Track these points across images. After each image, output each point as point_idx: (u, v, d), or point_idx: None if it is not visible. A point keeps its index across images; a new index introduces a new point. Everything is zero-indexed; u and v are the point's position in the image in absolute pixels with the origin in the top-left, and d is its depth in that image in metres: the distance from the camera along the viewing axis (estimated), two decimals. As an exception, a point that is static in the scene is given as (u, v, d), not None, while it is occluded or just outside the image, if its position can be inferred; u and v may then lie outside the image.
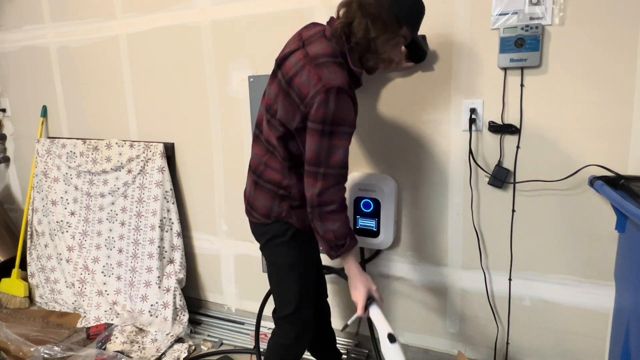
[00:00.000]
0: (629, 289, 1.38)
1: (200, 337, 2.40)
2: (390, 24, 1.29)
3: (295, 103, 1.31)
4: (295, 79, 1.31)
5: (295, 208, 1.48)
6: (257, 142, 1.53)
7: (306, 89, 1.28)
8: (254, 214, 1.53)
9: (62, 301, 2.69)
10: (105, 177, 2.53)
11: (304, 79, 1.29)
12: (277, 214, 1.48)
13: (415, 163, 1.89)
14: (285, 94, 1.35)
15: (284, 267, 1.55)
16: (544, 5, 1.56)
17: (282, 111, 1.36)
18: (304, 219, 1.49)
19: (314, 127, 1.28)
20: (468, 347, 1.97)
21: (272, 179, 1.46)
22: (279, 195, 1.46)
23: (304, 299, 1.57)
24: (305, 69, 1.30)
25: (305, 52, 1.33)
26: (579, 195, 1.65)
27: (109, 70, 2.52)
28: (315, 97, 1.26)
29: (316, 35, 1.37)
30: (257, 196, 1.50)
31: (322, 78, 1.26)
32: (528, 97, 1.65)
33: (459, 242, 1.88)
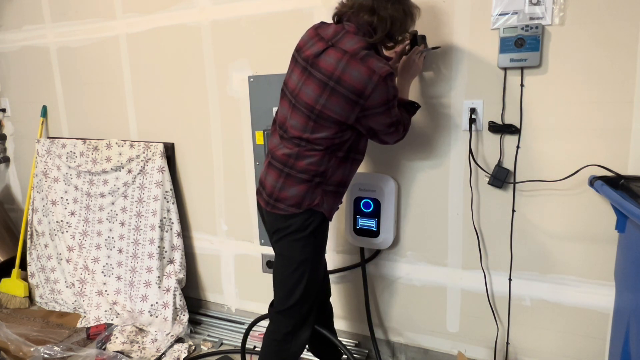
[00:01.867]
0: (629, 289, 1.38)
1: (200, 337, 2.40)
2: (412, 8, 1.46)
3: (351, 99, 1.38)
4: (344, 76, 1.36)
5: (328, 193, 1.52)
6: (284, 140, 1.52)
7: (360, 84, 1.36)
8: (280, 205, 1.52)
9: (62, 301, 2.69)
10: (105, 177, 2.53)
11: (355, 74, 1.35)
12: (309, 202, 1.49)
13: (415, 163, 1.89)
14: (334, 92, 1.39)
15: (296, 261, 1.55)
16: (544, 5, 1.56)
17: (336, 109, 1.40)
18: (332, 206, 1.56)
19: (381, 110, 1.42)
20: (468, 347, 1.97)
21: (307, 169, 1.47)
22: (314, 182, 1.49)
23: (306, 295, 1.58)
24: (351, 64, 1.36)
25: (342, 50, 1.39)
26: (579, 195, 1.65)
27: (109, 70, 2.52)
28: (377, 88, 1.36)
29: (339, 33, 1.43)
30: (287, 187, 1.50)
31: (374, 69, 1.35)
32: (528, 97, 1.65)
33: (459, 242, 1.88)
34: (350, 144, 1.51)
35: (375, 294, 2.10)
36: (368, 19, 1.40)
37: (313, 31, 1.49)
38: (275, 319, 1.64)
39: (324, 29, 1.47)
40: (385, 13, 1.39)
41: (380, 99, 1.38)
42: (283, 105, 1.54)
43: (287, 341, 1.61)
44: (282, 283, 1.60)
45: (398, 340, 2.12)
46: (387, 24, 1.40)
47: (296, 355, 1.64)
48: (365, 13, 1.40)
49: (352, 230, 1.99)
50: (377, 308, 2.12)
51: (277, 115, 1.57)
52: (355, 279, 2.13)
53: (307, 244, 1.54)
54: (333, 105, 1.40)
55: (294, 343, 1.62)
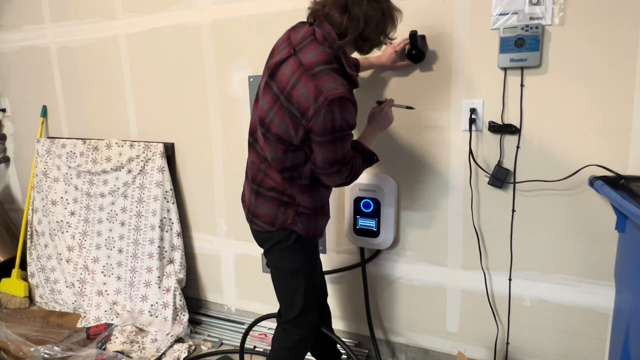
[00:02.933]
0: (629, 289, 1.38)
1: (200, 337, 2.40)
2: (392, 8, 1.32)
3: (297, 118, 1.27)
4: (293, 92, 1.26)
5: (300, 214, 1.47)
6: (252, 150, 1.49)
7: (306, 103, 1.24)
8: (257, 222, 1.51)
9: (62, 301, 2.69)
10: (105, 177, 2.53)
11: (302, 91, 1.24)
12: (282, 222, 1.46)
13: (415, 163, 1.89)
14: (282, 108, 1.30)
15: (288, 271, 1.55)
16: (544, 5, 1.56)
17: (281, 126, 1.31)
18: (308, 226, 1.49)
19: (324, 139, 1.28)
20: (468, 347, 1.97)
21: (274, 187, 1.44)
22: (284, 202, 1.45)
23: (309, 302, 1.57)
24: (301, 80, 1.25)
25: (298, 61, 1.28)
26: (579, 195, 1.65)
27: (109, 70, 2.52)
28: (320, 112, 1.23)
29: (306, 39, 1.32)
30: (260, 204, 1.48)
31: (322, 90, 1.22)
32: (528, 97, 1.65)
33: (459, 242, 1.88)
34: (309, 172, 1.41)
35: (375, 294, 2.10)
36: (338, 18, 1.25)
37: (287, 33, 1.40)
38: (285, 328, 1.63)
39: (296, 31, 1.38)
40: (358, 10, 1.24)
41: (323, 125, 1.24)
42: (254, 110, 1.47)
43: (298, 348, 1.62)
44: (282, 294, 1.60)
45: (398, 340, 2.12)
46: (359, 23, 1.25)
47: (302, 358, 1.66)
48: (337, 11, 1.26)
49: (352, 230, 1.99)
50: (377, 308, 2.12)
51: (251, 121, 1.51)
52: (355, 279, 2.13)
53: (295, 252, 1.51)
54: (278, 120, 1.31)
55: (303, 349, 1.64)
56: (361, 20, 1.25)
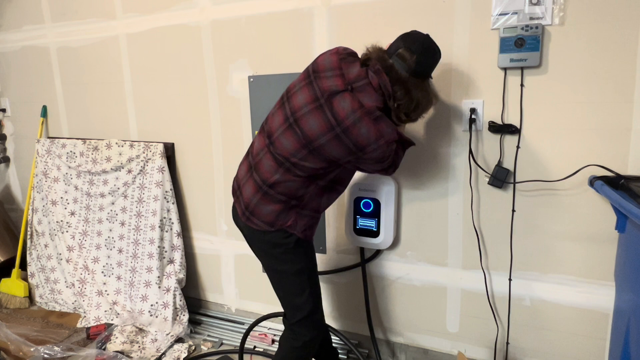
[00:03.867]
0: (629, 289, 1.38)
1: (200, 337, 2.40)
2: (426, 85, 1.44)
3: (350, 149, 1.38)
4: (353, 130, 1.35)
5: (302, 217, 1.51)
6: (269, 155, 1.48)
7: (365, 141, 1.36)
8: (254, 219, 1.52)
9: (62, 301, 2.69)
10: (105, 177, 2.53)
11: (364, 132, 1.35)
12: (281, 223, 1.49)
13: (415, 163, 1.89)
14: (337, 138, 1.38)
15: (291, 273, 1.55)
16: (544, 5, 1.56)
17: (333, 152, 1.40)
18: (305, 229, 1.52)
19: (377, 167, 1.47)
20: (468, 347, 1.97)
21: (285, 191, 1.47)
22: (290, 205, 1.49)
23: (315, 301, 1.59)
24: (363, 121, 1.35)
25: (358, 101, 1.36)
26: (579, 195, 1.65)
27: (109, 70, 2.52)
28: (379, 149, 1.37)
29: (361, 79, 1.39)
30: (263, 204, 1.49)
31: (383, 135, 1.36)
32: (528, 97, 1.65)
33: (459, 242, 1.88)
34: (334, 176, 1.51)
35: (375, 294, 2.10)
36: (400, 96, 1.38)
37: (337, 61, 1.42)
38: (293, 330, 1.62)
39: (347, 65, 1.41)
40: (416, 95, 1.38)
41: (378, 156, 1.40)
42: (279, 115, 1.47)
43: (307, 347, 1.62)
44: (287, 298, 1.60)
45: (398, 340, 2.12)
46: (412, 105, 1.40)
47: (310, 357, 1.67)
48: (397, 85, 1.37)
49: (352, 230, 1.99)
50: (377, 308, 2.12)
51: (268, 121, 1.51)
52: (355, 279, 2.13)
53: (297, 254, 1.54)
54: (332, 148, 1.39)
55: (312, 348, 1.65)
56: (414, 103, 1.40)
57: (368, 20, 1.85)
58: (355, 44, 1.88)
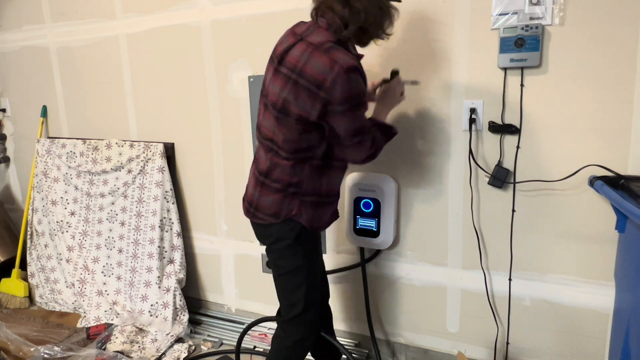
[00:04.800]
0: (629, 289, 1.38)
1: (200, 337, 2.40)
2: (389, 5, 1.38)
3: (312, 91, 1.31)
4: (306, 68, 1.31)
5: (306, 204, 1.47)
6: (260, 144, 1.52)
7: (322, 75, 1.29)
8: (259, 214, 1.51)
9: (62, 301, 2.69)
10: (105, 177, 2.53)
11: (316, 65, 1.30)
12: (287, 212, 1.47)
13: (415, 163, 1.89)
14: (296, 85, 1.33)
15: (289, 270, 1.54)
16: (544, 5, 1.56)
17: (299, 103, 1.34)
18: (312, 217, 1.49)
19: (342, 108, 1.32)
20: (468, 347, 1.97)
21: (280, 178, 1.45)
22: (289, 193, 1.46)
23: (310, 301, 1.57)
24: (314, 55, 1.31)
25: (307, 42, 1.35)
26: (579, 195, 1.65)
27: (109, 70, 2.52)
28: (337, 80, 1.28)
29: (311, 27, 1.40)
30: (264, 196, 1.49)
31: (337, 60, 1.29)
32: (528, 97, 1.65)
33: (459, 242, 1.88)
34: (324, 151, 1.44)
35: (375, 294, 2.10)
36: (340, 10, 1.33)
37: (289, 30, 1.46)
38: (285, 327, 1.63)
39: (299, 26, 1.44)
40: (359, 4, 1.32)
41: (341, 93, 1.29)
42: (260, 105, 1.52)
43: (297, 347, 1.62)
44: (283, 293, 1.60)
45: (398, 340, 2.12)
46: (360, 15, 1.32)
47: (303, 358, 1.66)
48: (338, 4, 1.34)
49: (352, 230, 1.99)
50: (377, 308, 2.12)
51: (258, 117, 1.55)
52: (355, 279, 2.13)
53: (296, 251, 1.52)
54: (294, 98, 1.34)
55: (303, 348, 1.64)
56: (362, 12, 1.32)
57: (368, 20, 1.85)
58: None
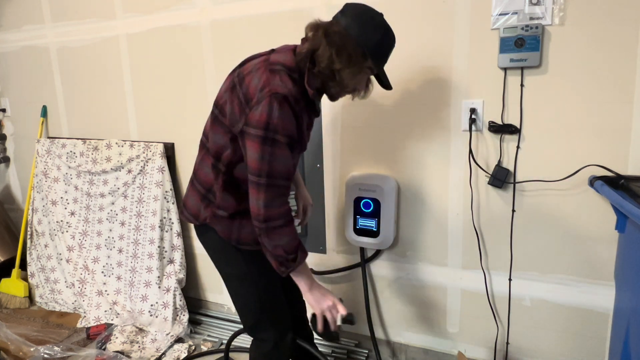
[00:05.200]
0: (629, 289, 1.38)
1: (200, 337, 2.40)
2: (356, 57, 1.23)
3: (242, 104, 1.26)
4: (247, 77, 1.28)
5: (219, 218, 1.39)
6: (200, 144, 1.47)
7: (253, 92, 1.24)
8: (185, 212, 1.48)
9: (62, 301, 2.69)
10: (105, 177, 2.53)
11: (255, 80, 1.25)
12: (203, 218, 1.41)
13: (415, 163, 1.89)
14: (234, 91, 1.29)
15: (233, 277, 1.47)
16: (544, 5, 1.56)
17: (229, 110, 1.29)
18: (230, 231, 1.39)
19: (255, 132, 1.21)
20: (468, 347, 1.97)
21: (202, 180, 1.41)
22: (206, 199, 1.40)
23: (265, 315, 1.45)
24: (259, 71, 1.27)
25: (267, 58, 1.31)
26: (579, 195, 1.65)
27: (109, 70, 2.52)
28: (260, 102, 1.21)
29: (286, 47, 1.35)
30: (190, 195, 1.47)
31: (270, 82, 1.22)
32: (528, 97, 1.65)
33: (459, 242, 1.88)
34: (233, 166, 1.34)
35: (375, 294, 2.10)
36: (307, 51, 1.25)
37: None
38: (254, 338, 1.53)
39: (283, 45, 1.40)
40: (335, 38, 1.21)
41: (259, 115, 1.20)
42: None
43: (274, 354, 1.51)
44: (235, 302, 1.50)
45: (398, 340, 2.12)
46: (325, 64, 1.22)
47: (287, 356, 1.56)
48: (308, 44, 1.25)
49: (352, 230, 1.99)
50: (377, 308, 2.12)
51: None
52: (355, 279, 2.13)
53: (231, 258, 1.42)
54: (230, 102, 1.29)
55: (282, 351, 1.51)
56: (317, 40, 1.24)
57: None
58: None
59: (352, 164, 2.02)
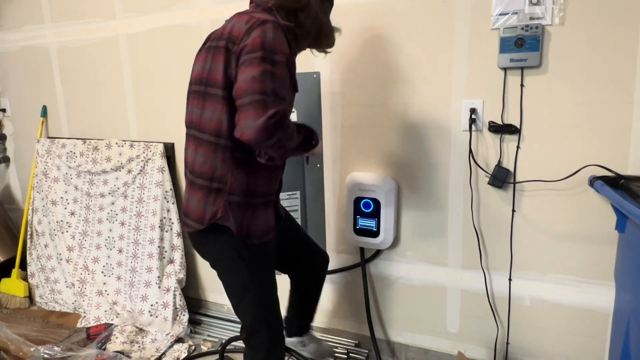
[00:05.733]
0: (629, 289, 1.38)
1: (200, 337, 2.40)
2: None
3: (229, 50, 1.19)
4: (224, 32, 1.22)
5: (233, 205, 1.27)
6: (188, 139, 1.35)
7: (238, 31, 1.18)
8: (188, 220, 1.32)
9: (62, 301, 2.69)
10: (105, 177, 2.53)
11: (236, 25, 1.20)
12: (211, 215, 1.26)
13: (415, 163, 1.89)
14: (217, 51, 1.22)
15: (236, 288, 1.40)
16: (544, 5, 1.56)
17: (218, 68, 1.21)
18: (242, 222, 1.29)
19: (252, 56, 1.14)
20: (468, 347, 1.97)
21: (202, 171, 1.27)
22: (212, 189, 1.26)
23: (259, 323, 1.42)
24: (233, 19, 1.24)
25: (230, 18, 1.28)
26: (579, 195, 1.65)
27: (109, 70, 2.52)
28: (251, 31, 1.16)
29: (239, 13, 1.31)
30: (191, 197, 1.31)
31: (254, 16, 1.20)
32: (528, 97, 1.65)
33: (459, 242, 1.88)
34: None
35: (375, 294, 2.10)
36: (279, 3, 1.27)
37: None
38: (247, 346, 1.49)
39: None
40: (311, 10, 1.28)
41: (252, 41, 1.14)
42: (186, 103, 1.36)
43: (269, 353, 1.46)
44: (235, 310, 1.45)
45: (398, 340, 2.12)
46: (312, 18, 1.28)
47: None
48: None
49: (352, 230, 1.99)
50: (377, 308, 2.12)
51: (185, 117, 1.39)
52: (355, 279, 2.13)
53: (237, 268, 1.34)
54: (215, 65, 1.21)
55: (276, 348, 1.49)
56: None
57: (370, 20, 1.85)
58: (356, 44, 1.88)
59: (352, 164, 2.02)
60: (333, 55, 1.88)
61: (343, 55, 1.91)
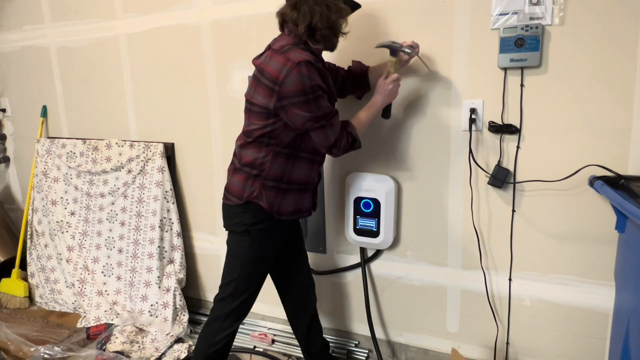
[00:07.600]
0: (629, 289, 1.38)
1: (200, 337, 2.40)
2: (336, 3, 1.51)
3: (269, 87, 1.47)
4: (266, 68, 1.48)
5: (266, 188, 1.57)
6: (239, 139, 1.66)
7: (276, 72, 1.44)
8: (229, 196, 1.64)
9: (62, 301, 2.69)
10: (105, 177, 2.53)
11: (273, 64, 1.46)
12: (248, 194, 1.58)
13: (415, 163, 1.89)
14: (259, 83, 1.51)
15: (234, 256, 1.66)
16: (544, 5, 1.56)
17: (258, 97, 1.51)
18: (273, 202, 1.59)
19: (298, 100, 1.45)
20: (468, 347, 1.97)
21: (247, 162, 1.58)
22: (252, 175, 1.58)
23: (239, 289, 1.65)
24: (273, 58, 1.48)
25: (271, 49, 1.52)
26: (579, 195, 1.65)
27: (109, 70, 2.52)
28: (289, 75, 1.42)
29: (277, 37, 1.57)
30: (234, 179, 1.63)
31: (289, 58, 1.43)
32: (528, 97, 1.65)
33: (459, 242, 1.88)
34: (290, 141, 1.55)
35: (375, 294, 2.10)
36: (291, 15, 1.50)
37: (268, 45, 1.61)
38: (214, 305, 1.72)
39: (273, 40, 1.59)
40: (305, 7, 1.47)
41: (294, 86, 1.43)
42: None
43: (214, 327, 1.69)
44: (224, 273, 1.69)
45: (398, 340, 2.12)
46: (307, 16, 1.47)
47: (219, 344, 1.68)
48: (290, 11, 1.50)
49: (352, 230, 1.99)
50: (377, 308, 2.12)
51: None
52: (355, 279, 2.13)
53: (241, 240, 1.63)
54: (258, 94, 1.51)
55: (218, 330, 1.68)
56: (308, 13, 1.47)
57: (370, 19, 1.85)
58: (356, 44, 1.88)
59: (352, 164, 2.02)
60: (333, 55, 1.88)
61: (343, 55, 1.91)
